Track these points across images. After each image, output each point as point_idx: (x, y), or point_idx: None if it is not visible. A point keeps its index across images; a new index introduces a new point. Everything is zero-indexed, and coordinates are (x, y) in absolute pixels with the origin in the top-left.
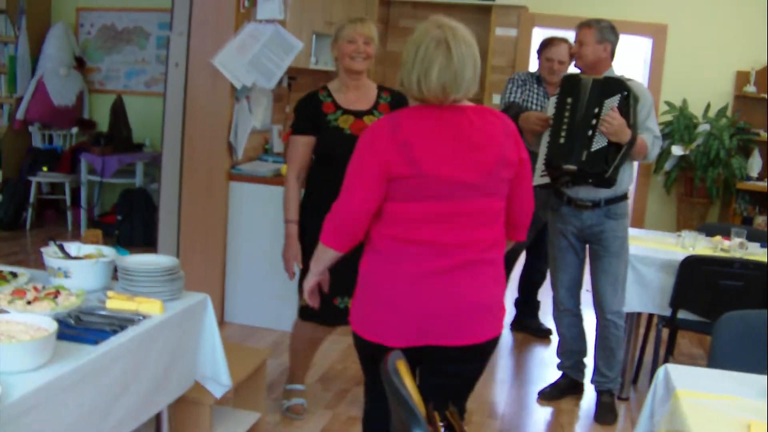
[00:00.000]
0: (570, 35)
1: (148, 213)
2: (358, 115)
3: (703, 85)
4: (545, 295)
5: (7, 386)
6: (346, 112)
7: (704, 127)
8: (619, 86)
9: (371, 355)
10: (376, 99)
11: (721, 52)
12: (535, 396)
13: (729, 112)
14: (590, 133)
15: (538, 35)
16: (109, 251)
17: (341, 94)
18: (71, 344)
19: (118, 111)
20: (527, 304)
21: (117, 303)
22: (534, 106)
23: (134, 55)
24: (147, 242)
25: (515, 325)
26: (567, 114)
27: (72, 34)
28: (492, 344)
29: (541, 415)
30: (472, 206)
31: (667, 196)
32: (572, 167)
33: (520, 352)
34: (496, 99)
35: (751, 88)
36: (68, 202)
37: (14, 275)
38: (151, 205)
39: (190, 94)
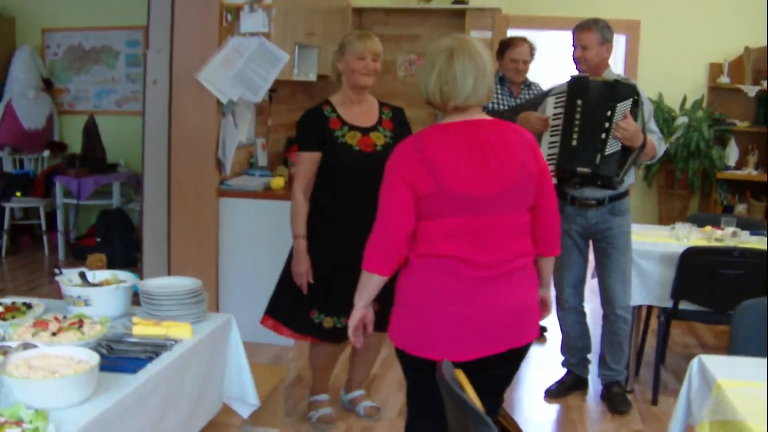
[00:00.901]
0: (541, 36)
1: (127, 233)
2: (364, 131)
3: (678, 79)
4: None
5: (58, 423)
6: (351, 128)
7: (682, 120)
8: (631, 90)
9: (421, 371)
10: (379, 115)
11: (694, 45)
12: (542, 394)
13: (704, 104)
14: (603, 136)
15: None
16: (126, 275)
17: (345, 109)
18: (109, 374)
19: (91, 131)
20: None
21: (144, 329)
22: (501, 107)
23: (103, 74)
24: (128, 263)
25: None
26: (578, 116)
27: (38, 56)
28: (531, 344)
29: (550, 413)
30: (499, 219)
31: (648, 189)
32: (586, 170)
33: None
34: None
35: (724, 79)
36: (44, 227)
37: (29, 306)
38: (129, 225)
39: (175, 112)
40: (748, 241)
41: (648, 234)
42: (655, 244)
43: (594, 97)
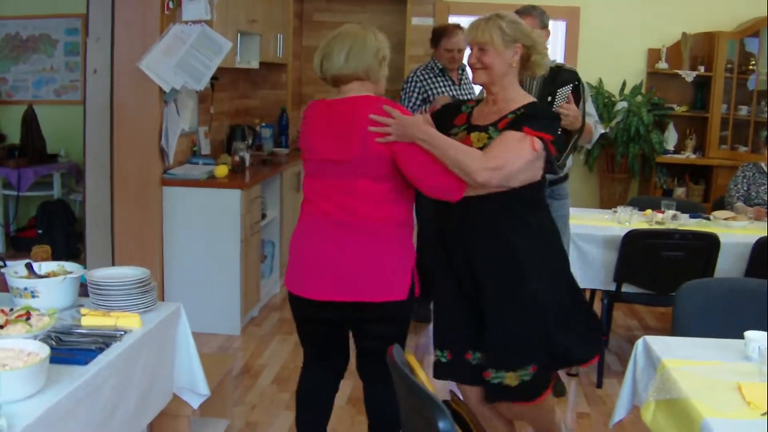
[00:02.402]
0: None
1: (69, 225)
2: (471, 129)
3: (618, 64)
4: None
5: (10, 417)
6: (470, 127)
7: (622, 105)
8: (572, 75)
9: (298, 307)
10: (504, 115)
11: (633, 31)
12: None
13: (644, 89)
14: None
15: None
16: (72, 266)
17: (480, 107)
18: (60, 366)
19: (30, 121)
20: None
21: (93, 320)
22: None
23: (42, 63)
24: (69, 255)
25: None
26: None
27: None
28: (394, 307)
29: None
30: (354, 185)
31: (589, 174)
32: None
33: None
34: None
35: (662, 65)
36: None
37: None
38: (71, 216)
39: (116, 101)
40: (688, 223)
41: (590, 218)
42: (598, 228)
43: (532, 81)
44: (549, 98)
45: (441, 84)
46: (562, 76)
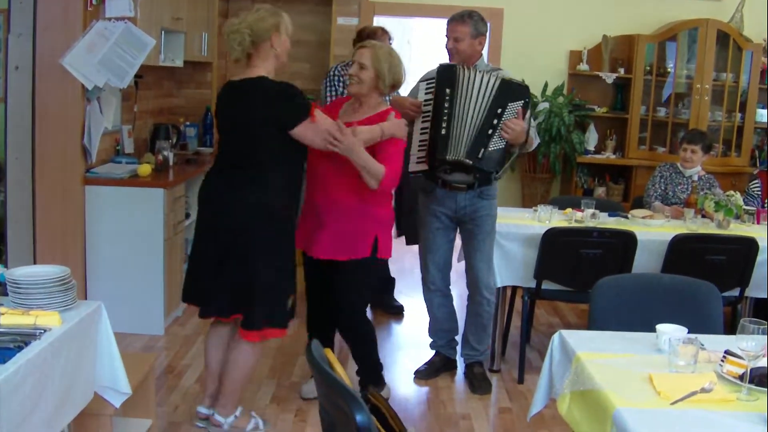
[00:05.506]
0: (407, 23)
1: None
2: None
3: (540, 66)
4: (404, 274)
5: None
6: None
7: (544, 106)
8: (524, 92)
9: None
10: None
11: (555, 33)
12: (411, 376)
13: (565, 90)
14: (490, 132)
15: (379, 24)
16: None
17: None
18: None
19: None
20: (380, 281)
21: (12, 318)
22: None
23: None
24: None
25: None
26: (446, 105)
27: None
28: None
29: (420, 394)
30: None
31: (511, 174)
32: (467, 161)
33: (379, 332)
34: None
35: (583, 67)
36: None
37: None
38: None
39: (38, 98)
40: (607, 222)
41: (511, 216)
42: (519, 226)
43: (464, 86)
44: (499, 110)
45: None
46: (513, 91)
